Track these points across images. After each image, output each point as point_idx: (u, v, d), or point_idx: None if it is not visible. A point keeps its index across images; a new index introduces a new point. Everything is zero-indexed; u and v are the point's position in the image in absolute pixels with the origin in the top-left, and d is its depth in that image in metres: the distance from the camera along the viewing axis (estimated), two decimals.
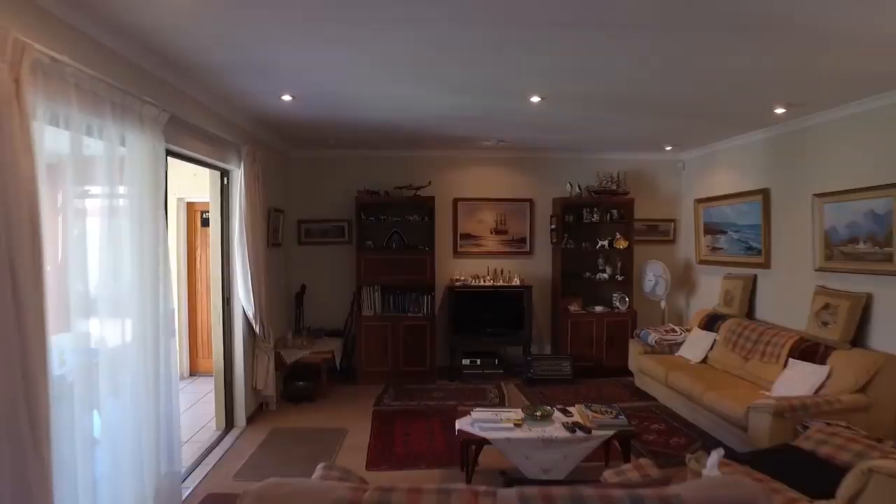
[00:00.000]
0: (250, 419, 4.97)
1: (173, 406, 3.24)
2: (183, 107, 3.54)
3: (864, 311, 4.16)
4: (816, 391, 4.01)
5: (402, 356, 6.35)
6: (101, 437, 2.57)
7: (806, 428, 3.26)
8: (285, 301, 6.37)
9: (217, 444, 4.47)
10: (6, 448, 1.80)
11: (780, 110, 4.55)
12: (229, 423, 4.82)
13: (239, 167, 4.66)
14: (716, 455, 2.48)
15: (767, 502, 1.75)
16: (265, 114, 4.76)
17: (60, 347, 2.34)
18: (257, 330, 4.93)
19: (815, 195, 4.69)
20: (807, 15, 2.62)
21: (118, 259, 2.70)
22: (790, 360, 4.48)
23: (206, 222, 5.86)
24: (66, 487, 2.15)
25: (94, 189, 2.56)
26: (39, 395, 1.98)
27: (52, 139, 2.27)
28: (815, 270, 4.71)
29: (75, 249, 2.41)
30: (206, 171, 4.63)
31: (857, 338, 4.17)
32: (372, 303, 6.44)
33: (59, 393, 2.22)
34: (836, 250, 4.49)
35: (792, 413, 3.67)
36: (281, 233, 6.17)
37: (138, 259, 2.85)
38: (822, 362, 4.17)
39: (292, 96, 4.09)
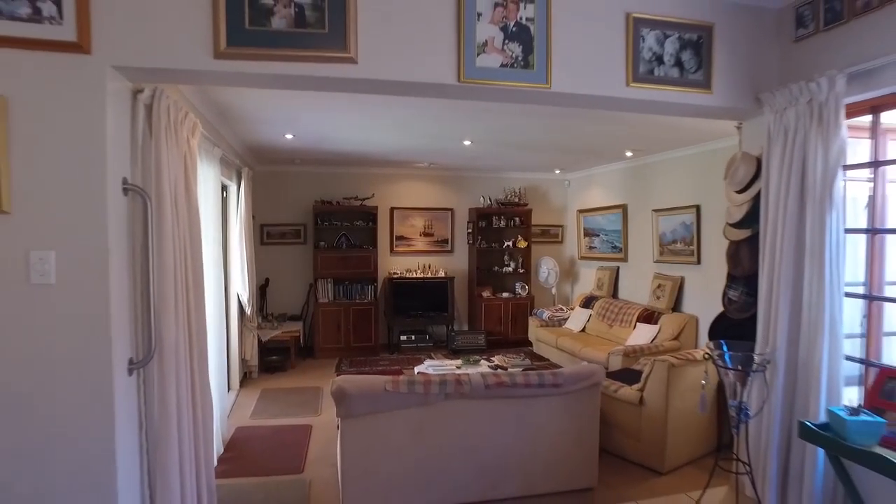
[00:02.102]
0: (241, 384, 6.22)
1: (225, 359, 4.57)
2: (222, 144, 4.82)
3: (679, 289, 6.27)
4: (651, 341, 6.05)
5: (352, 335, 7.78)
6: None
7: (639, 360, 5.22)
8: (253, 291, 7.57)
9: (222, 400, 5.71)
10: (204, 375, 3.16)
11: (629, 153, 6.62)
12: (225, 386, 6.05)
13: (238, 183, 5.91)
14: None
15: (602, 371, 3.56)
16: (262, 144, 6.05)
17: None
18: (248, 312, 6.19)
19: (653, 210, 6.77)
20: (633, 118, 4.51)
21: (208, 259, 4.01)
22: (638, 323, 6.52)
23: None
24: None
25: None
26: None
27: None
28: (654, 262, 6.79)
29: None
30: None
31: (676, 306, 6.28)
32: (326, 292, 7.82)
33: None
34: (665, 248, 6.60)
35: (634, 354, 5.66)
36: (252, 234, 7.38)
37: (214, 259, 4.16)
38: (656, 323, 6.24)
39: (293, 135, 5.46)
